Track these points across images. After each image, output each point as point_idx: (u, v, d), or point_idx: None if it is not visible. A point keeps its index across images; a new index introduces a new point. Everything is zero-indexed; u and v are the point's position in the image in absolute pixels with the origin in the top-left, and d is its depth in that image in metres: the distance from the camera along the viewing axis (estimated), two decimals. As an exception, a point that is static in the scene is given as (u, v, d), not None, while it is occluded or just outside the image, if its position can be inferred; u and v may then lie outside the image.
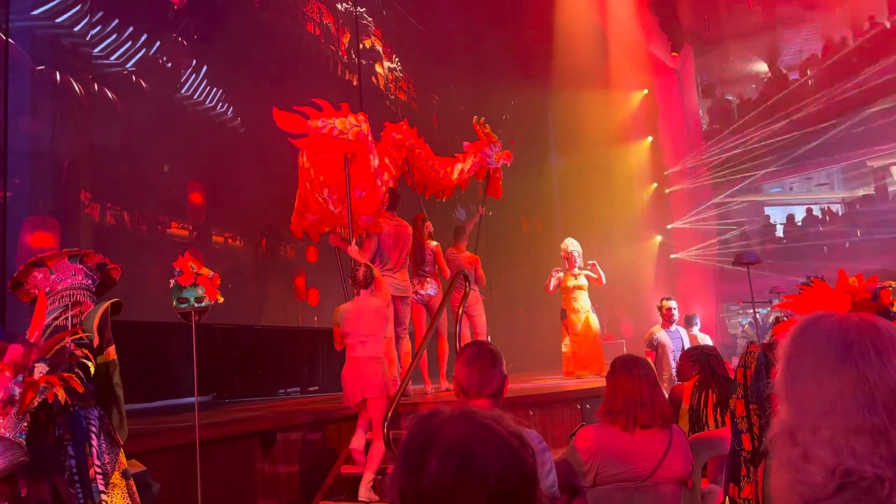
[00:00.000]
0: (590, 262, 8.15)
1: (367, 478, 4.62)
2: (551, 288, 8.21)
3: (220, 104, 7.29)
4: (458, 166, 7.18)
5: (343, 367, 4.95)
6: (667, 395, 3.98)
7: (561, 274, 8.23)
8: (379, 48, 10.49)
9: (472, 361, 2.30)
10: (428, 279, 6.47)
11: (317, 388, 8.80)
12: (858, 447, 0.95)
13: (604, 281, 8.17)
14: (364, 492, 4.61)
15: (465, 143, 7.49)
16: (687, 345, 6.97)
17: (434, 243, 6.56)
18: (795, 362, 1.05)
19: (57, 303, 2.76)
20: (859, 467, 0.95)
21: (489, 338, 7.64)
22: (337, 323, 4.97)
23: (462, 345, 4.55)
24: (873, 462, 0.94)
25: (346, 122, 5.36)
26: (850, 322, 1.03)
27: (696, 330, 8.01)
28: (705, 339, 7.70)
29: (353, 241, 5.68)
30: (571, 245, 8.24)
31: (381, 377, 4.83)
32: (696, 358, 4.39)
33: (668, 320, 7.28)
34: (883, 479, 0.93)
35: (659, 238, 16.43)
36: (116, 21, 6.26)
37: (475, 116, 7.69)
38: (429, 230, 6.55)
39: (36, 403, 2.32)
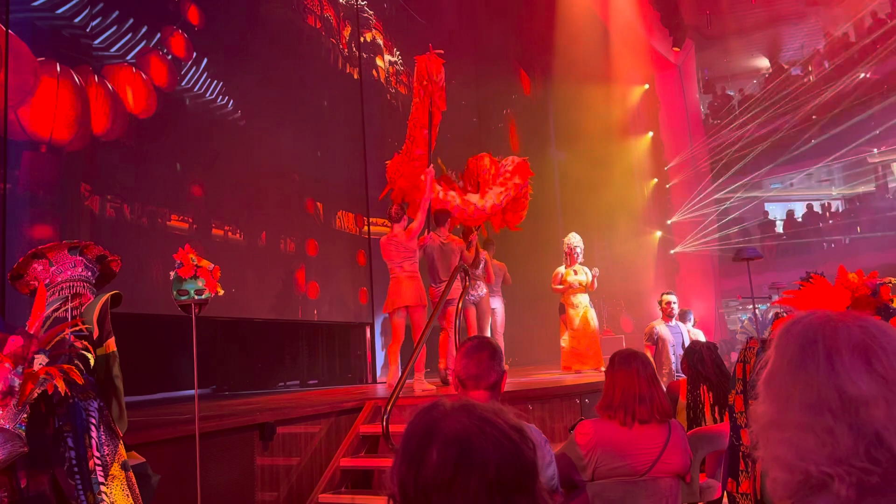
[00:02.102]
0: (594, 269, 8.12)
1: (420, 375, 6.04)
2: (561, 288, 8.24)
3: (221, 97, 7.27)
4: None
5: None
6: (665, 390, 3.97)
7: (562, 268, 8.23)
8: (380, 41, 10.45)
9: (471, 353, 2.31)
10: (478, 282, 7.26)
11: (316, 381, 8.81)
12: (811, 447, 0.98)
13: (594, 287, 8.19)
14: (418, 384, 5.99)
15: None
16: (687, 340, 6.97)
17: (484, 252, 7.42)
18: (771, 364, 1.09)
19: (57, 294, 2.76)
20: (810, 467, 0.98)
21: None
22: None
23: (464, 338, 4.63)
24: (816, 461, 0.97)
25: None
26: (816, 324, 1.05)
27: (690, 326, 8.01)
28: (698, 335, 7.70)
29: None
30: (574, 240, 8.24)
31: (418, 291, 6.16)
32: (686, 353, 4.38)
33: (668, 315, 7.29)
34: (832, 477, 0.96)
35: (659, 233, 16.42)
36: (117, 13, 6.23)
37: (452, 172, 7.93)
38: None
39: (35, 395, 2.32)
